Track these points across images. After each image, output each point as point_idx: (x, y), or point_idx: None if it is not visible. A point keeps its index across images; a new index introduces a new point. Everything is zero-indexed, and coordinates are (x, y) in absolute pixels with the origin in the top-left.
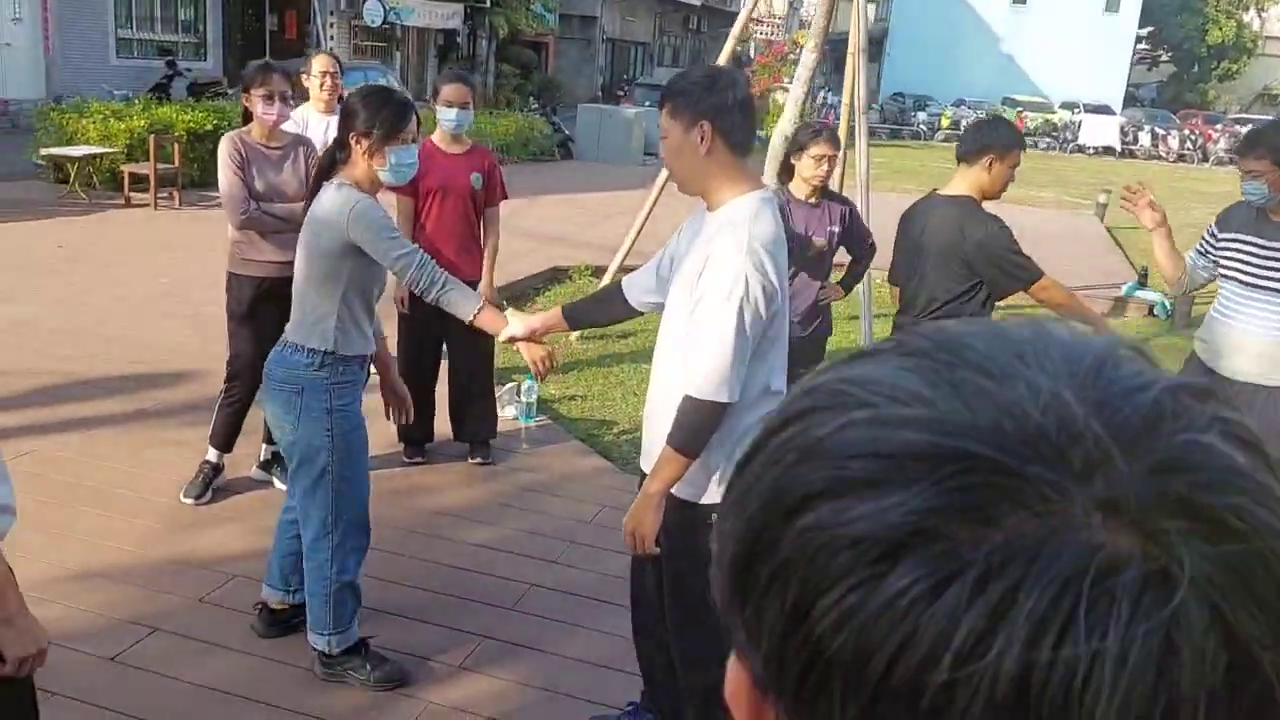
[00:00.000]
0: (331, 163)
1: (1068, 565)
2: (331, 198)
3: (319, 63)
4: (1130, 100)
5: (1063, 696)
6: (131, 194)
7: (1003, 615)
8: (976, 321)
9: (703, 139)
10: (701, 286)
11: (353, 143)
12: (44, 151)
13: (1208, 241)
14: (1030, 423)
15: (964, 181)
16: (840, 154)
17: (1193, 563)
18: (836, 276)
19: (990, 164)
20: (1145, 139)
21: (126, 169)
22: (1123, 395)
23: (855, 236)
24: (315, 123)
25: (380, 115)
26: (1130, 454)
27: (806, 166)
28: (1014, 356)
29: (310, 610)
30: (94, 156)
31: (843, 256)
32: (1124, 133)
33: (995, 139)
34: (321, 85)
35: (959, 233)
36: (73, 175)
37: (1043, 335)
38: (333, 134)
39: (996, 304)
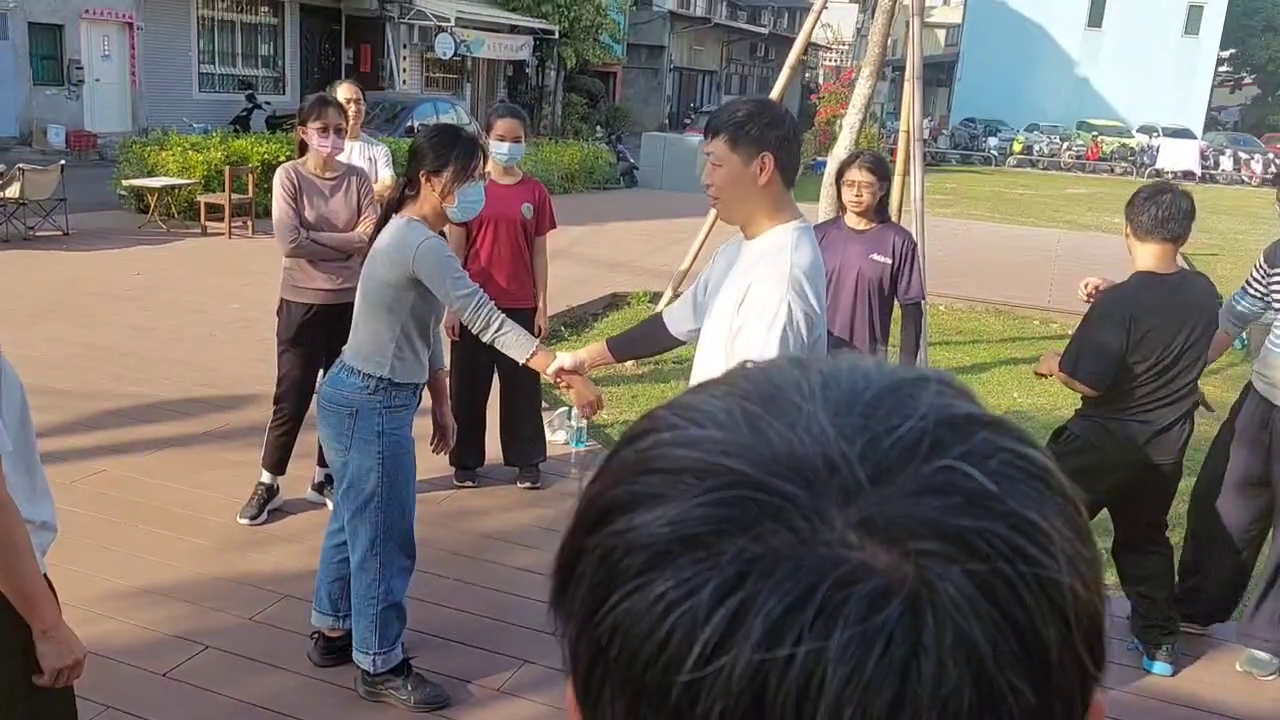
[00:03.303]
0: (401, 199)
1: (809, 575)
2: (401, 233)
3: (344, 90)
4: (1212, 123)
5: (795, 699)
6: (207, 223)
7: (742, 619)
8: (792, 359)
9: (762, 170)
10: (743, 314)
11: (423, 181)
12: (125, 183)
13: (1258, 281)
14: (798, 451)
15: (1174, 255)
16: (886, 180)
17: (936, 579)
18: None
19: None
20: (1227, 163)
21: (203, 199)
22: (887, 429)
23: (904, 278)
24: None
25: (450, 155)
26: (884, 480)
27: (844, 193)
28: (805, 392)
29: (355, 629)
30: (173, 187)
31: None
32: (1204, 157)
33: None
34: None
35: (1213, 302)
36: (152, 205)
37: (840, 372)
38: (356, 157)
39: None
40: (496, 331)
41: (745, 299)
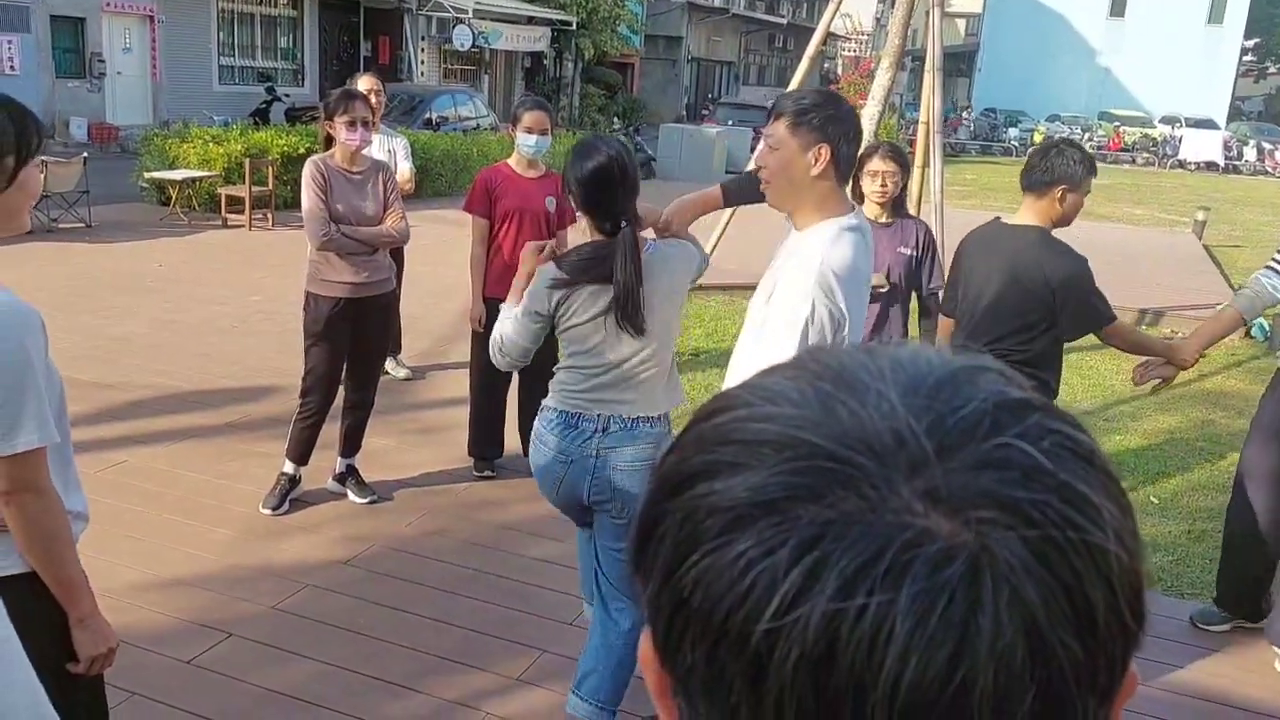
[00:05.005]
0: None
1: (878, 538)
2: (681, 247)
3: (364, 82)
4: (1235, 114)
5: (866, 647)
6: (228, 215)
7: (818, 576)
8: (860, 346)
9: (816, 161)
10: (769, 308)
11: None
12: (147, 175)
13: None
14: (868, 427)
15: (1033, 213)
16: (907, 171)
17: (995, 545)
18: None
19: (1062, 196)
20: (1251, 154)
21: (223, 191)
22: (951, 408)
23: (925, 269)
24: None
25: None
26: (947, 455)
27: (865, 183)
28: (874, 374)
29: (610, 686)
30: (193, 180)
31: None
32: (1228, 147)
33: (1066, 172)
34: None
35: (1038, 268)
36: (173, 198)
37: (905, 358)
38: (375, 150)
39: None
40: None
41: (774, 292)
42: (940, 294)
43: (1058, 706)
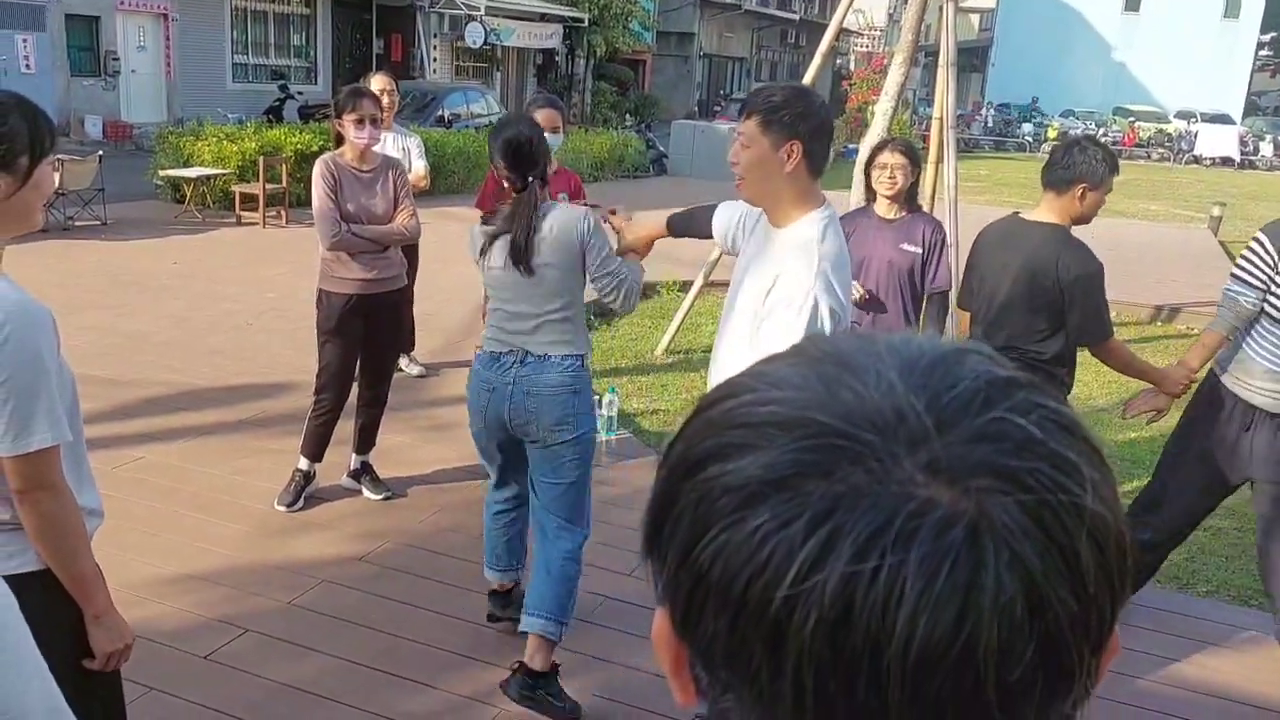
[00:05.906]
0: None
1: (887, 507)
2: (567, 212)
3: (377, 81)
4: (1251, 108)
5: (880, 608)
6: (242, 213)
7: (832, 545)
8: (854, 332)
9: (789, 157)
10: (769, 305)
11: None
12: (161, 173)
13: (1261, 269)
14: (870, 404)
15: (1052, 210)
16: (917, 165)
17: (993, 510)
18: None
19: (1083, 194)
20: (1267, 149)
21: (238, 189)
22: (946, 386)
23: (931, 266)
24: None
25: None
26: (945, 429)
27: (875, 176)
28: (872, 356)
29: (552, 597)
30: (208, 177)
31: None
32: (1244, 143)
33: (1088, 171)
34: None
35: (1054, 264)
36: (188, 195)
37: (899, 342)
38: (389, 148)
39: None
40: (630, 292)
41: (773, 290)
42: (948, 294)
43: (1055, 656)
